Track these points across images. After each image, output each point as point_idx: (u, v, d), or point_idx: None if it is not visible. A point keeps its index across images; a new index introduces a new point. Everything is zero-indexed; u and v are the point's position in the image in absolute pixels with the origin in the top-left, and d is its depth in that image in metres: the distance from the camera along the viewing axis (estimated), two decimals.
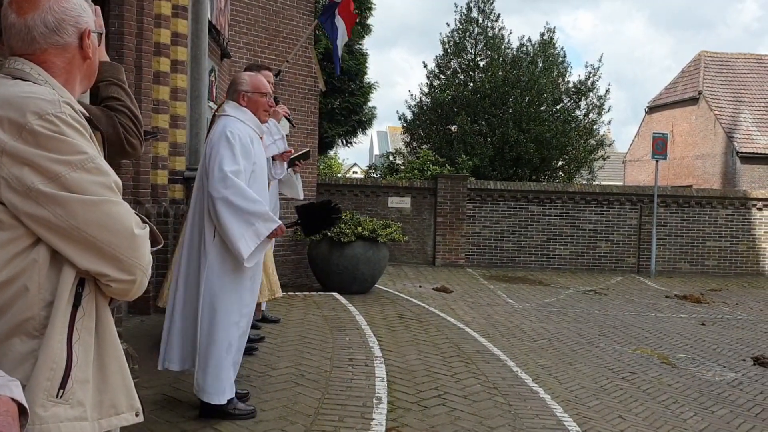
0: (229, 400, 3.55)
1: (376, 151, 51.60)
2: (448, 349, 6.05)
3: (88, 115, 1.56)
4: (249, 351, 4.78)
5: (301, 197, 6.08)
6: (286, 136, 5.50)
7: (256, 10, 9.16)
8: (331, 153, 40.60)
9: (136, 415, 1.55)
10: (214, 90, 7.70)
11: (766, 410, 5.53)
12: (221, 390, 3.50)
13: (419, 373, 5.15)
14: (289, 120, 5.16)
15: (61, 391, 1.41)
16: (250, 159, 3.54)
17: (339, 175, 28.19)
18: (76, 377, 1.43)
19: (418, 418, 4.18)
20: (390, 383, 4.79)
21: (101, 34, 1.71)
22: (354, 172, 50.47)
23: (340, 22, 9.21)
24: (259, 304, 5.14)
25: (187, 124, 6.61)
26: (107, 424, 1.49)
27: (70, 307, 1.44)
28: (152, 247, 1.62)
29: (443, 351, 5.94)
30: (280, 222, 3.56)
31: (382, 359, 5.05)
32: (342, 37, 9.44)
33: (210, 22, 7.37)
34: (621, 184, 29.32)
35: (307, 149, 5.83)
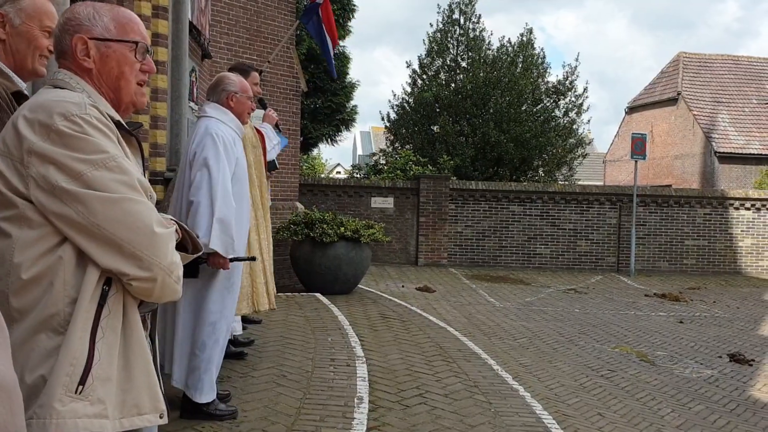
0: (210, 401, 3.56)
1: (360, 151, 51.59)
2: (430, 348, 6.09)
3: (122, 121, 1.62)
4: (239, 355, 4.79)
5: (268, 204, 6.07)
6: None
7: (237, 10, 9.14)
8: (315, 153, 40.58)
9: (161, 417, 1.57)
10: (194, 90, 7.67)
11: (741, 406, 5.64)
12: (201, 389, 3.51)
13: (401, 372, 5.18)
14: (277, 126, 5.15)
15: (80, 387, 1.43)
16: (231, 161, 3.55)
17: (322, 176, 28.18)
18: (97, 374, 1.45)
19: (399, 417, 4.21)
20: (372, 383, 4.82)
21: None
22: (338, 173, 50.42)
23: (323, 31, 9.21)
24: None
25: (167, 125, 6.58)
26: (129, 424, 1.51)
27: (95, 305, 1.47)
28: (193, 253, 1.68)
29: (425, 350, 5.98)
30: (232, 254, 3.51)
31: (364, 359, 5.07)
32: (330, 46, 9.45)
33: (190, 23, 7.34)
34: (601, 184, 29.59)
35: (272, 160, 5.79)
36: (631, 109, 30.82)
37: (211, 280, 3.54)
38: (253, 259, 3.91)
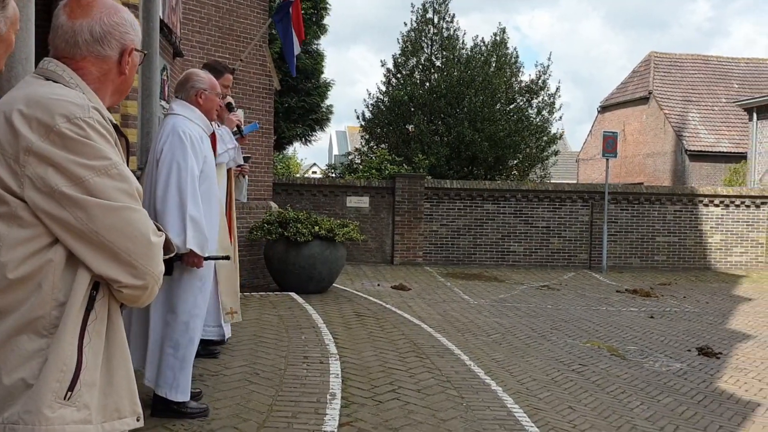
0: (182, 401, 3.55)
1: (336, 151, 51.54)
2: (404, 345, 6.12)
3: (115, 122, 1.60)
4: (211, 354, 4.77)
5: (244, 200, 6.06)
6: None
7: (209, 8, 9.09)
8: (290, 152, 40.37)
9: (137, 420, 1.58)
10: (166, 89, 7.63)
11: (708, 397, 5.75)
12: (177, 387, 3.50)
13: (374, 369, 5.20)
14: (239, 129, 5.10)
15: (69, 393, 1.42)
16: (199, 159, 3.54)
17: (297, 175, 28.10)
18: (84, 380, 1.45)
19: (372, 413, 4.23)
20: (345, 379, 4.84)
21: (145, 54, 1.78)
22: (313, 172, 50.31)
23: (290, 28, 9.22)
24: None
25: (138, 123, 6.54)
26: (110, 428, 1.51)
27: (83, 310, 1.46)
28: (167, 254, 1.66)
29: (399, 347, 6.01)
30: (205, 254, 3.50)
31: (338, 356, 5.09)
32: (296, 45, 9.45)
33: (161, 21, 7.30)
34: (575, 182, 29.93)
35: (248, 155, 5.77)
36: (604, 108, 31.21)
37: (184, 279, 3.53)
38: (227, 258, 3.91)
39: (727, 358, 7.15)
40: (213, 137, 4.47)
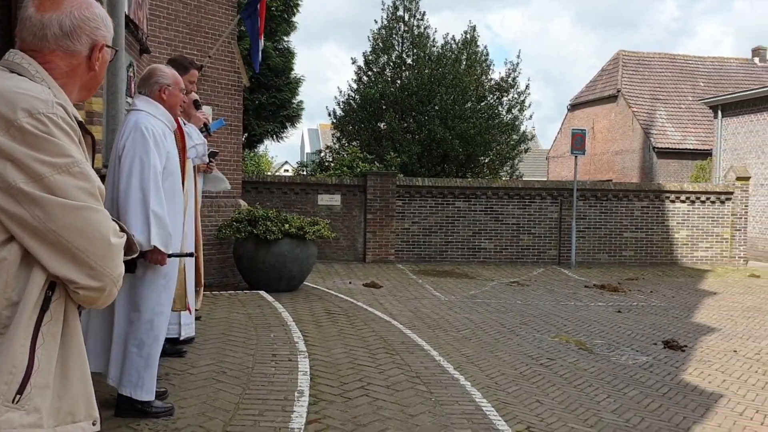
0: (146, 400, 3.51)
1: (308, 149, 51.35)
2: (374, 341, 6.13)
3: (80, 119, 1.55)
4: (178, 353, 4.72)
5: (229, 187, 6.03)
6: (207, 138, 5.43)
7: (176, 4, 8.98)
8: (261, 150, 40.11)
9: (93, 424, 1.54)
10: (132, 86, 7.51)
11: (673, 389, 5.86)
12: (142, 386, 3.46)
13: (344, 365, 5.20)
14: (206, 127, 5.07)
15: (18, 396, 1.38)
16: (162, 155, 3.50)
17: (268, 173, 27.95)
18: (35, 383, 1.40)
19: (340, 410, 4.23)
20: (314, 377, 4.83)
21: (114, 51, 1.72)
22: (285, 170, 50.06)
23: (257, 25, 9.15)
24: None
25: (103, 121, 6.43)
26: None
27: (38, 310, 1.42)
28: (126, 255, 1.62)
29: (369, 344, 6.01)
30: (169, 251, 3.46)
31: (307, 354, 5.07)
32: (260, 41, 9.39)
33: (127, 16, 7.19)
34: (545, 179, 30.22)
35: (214, 149, 5.73)
36: (573, 107, 31.56)
37: (147, 276, 3.49)
38: (192, 255, 3.87)
39: (692, 351, 7.28)
40: (181, 132, 4.44)
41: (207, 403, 3.81)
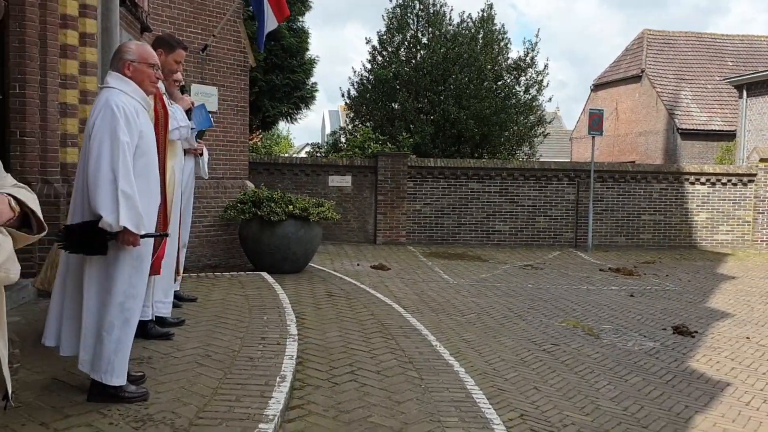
0: (120, 385, 3.43)
1: (328, 130, 51.15)
2: (371, 325, 6.02)
3: None
4: (165, 336, 4.65)
5: (206, 177, 5.91)
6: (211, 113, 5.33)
7: None
8: (284, 132, 39.99)
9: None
10: None
11: (677, 377, 5.67)
12: (112, 371, 3.38)
13: (336, 350, 5.10)
14: (188, 114, 4.95)
15: None
16: (134, 133, 3.38)
17: (285, 154, 27.91)
18: None
19: (326, 395, 4.13)
20: (305, 361, 4.73)
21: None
22: (306, 152, 49.96)
23: (268, 7, 9.00)
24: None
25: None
26: None
27: None
28: (38, 233, 1.58)
29: (366, 327, 5.91)
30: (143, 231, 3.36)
31: (296, 337, 4.97)
32: (271, 22, 9.23)
33: None
34: (568, 160, 29.76)
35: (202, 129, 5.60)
36: (597, 87, 30.96)
37: (118, 258, 3.39)
38: (166, 235, 3.77)
39: (703, 337, 7.07)
40: (165, 111, 4.32)
41: (185, 388, 3.72)
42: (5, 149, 5.56)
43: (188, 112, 4.96)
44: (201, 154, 5.52)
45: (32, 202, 1.63)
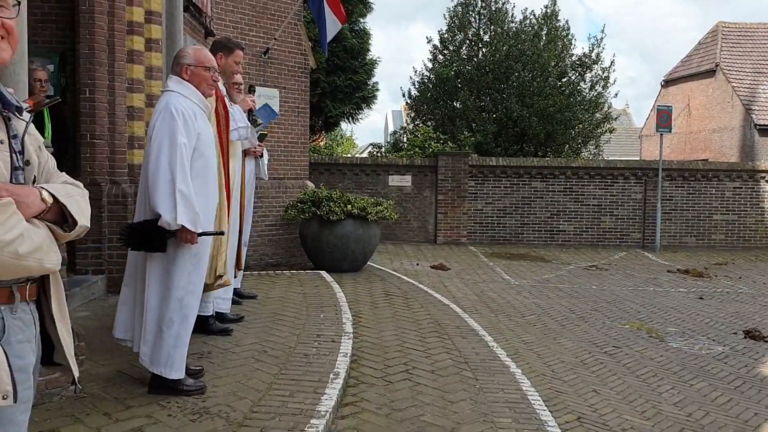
0: (179, 378, 3.55)
1: (391, 130, 51.32)
2: (428, 325, 6.01)
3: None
4: (225, 332, 4.77)
5: (266, 178, 6.03)
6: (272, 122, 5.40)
7: None
8: (348, 132, 40.38)
9: (3, 398, 1.53)
10: None
11: (746, 383, 5.43)
12: (171, 365, 3.50)
13: (391, 348, 5.12)
14: (251, 113, 5.03)
15: None
16: (192, 135, 3.49)
17: (347, 155, 28.14)
18: None
19: (378, 393, 4.15)
20: (359, 358, 4.77)
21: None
22: (369, 152, 50.26)
23: (328, 11, 9.10)
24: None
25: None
26: None
27: None
28: (71, 231, 1.58)
29: (422, 327, 5.90)
30: (198, 230, 3.45)
31: (351, 335, 5.01)
32: (334, 24, 9.32)
33: (190, 0, 7.31)
34: (637, 159, 28.90)
35: (263, 131, 5.70)
36: (668, 83, 29.92)
37: (177, 255, 3.50)
38: (222, 233, 3.87)
39: None
40: (225, 111, 4.44)
41: (241, 383, 3.81)
42: (76, 151, 5.83)
43: (249, 113, 5.07)
44: (261, 156, 5.64)
45: (66, 198, 1.60)
